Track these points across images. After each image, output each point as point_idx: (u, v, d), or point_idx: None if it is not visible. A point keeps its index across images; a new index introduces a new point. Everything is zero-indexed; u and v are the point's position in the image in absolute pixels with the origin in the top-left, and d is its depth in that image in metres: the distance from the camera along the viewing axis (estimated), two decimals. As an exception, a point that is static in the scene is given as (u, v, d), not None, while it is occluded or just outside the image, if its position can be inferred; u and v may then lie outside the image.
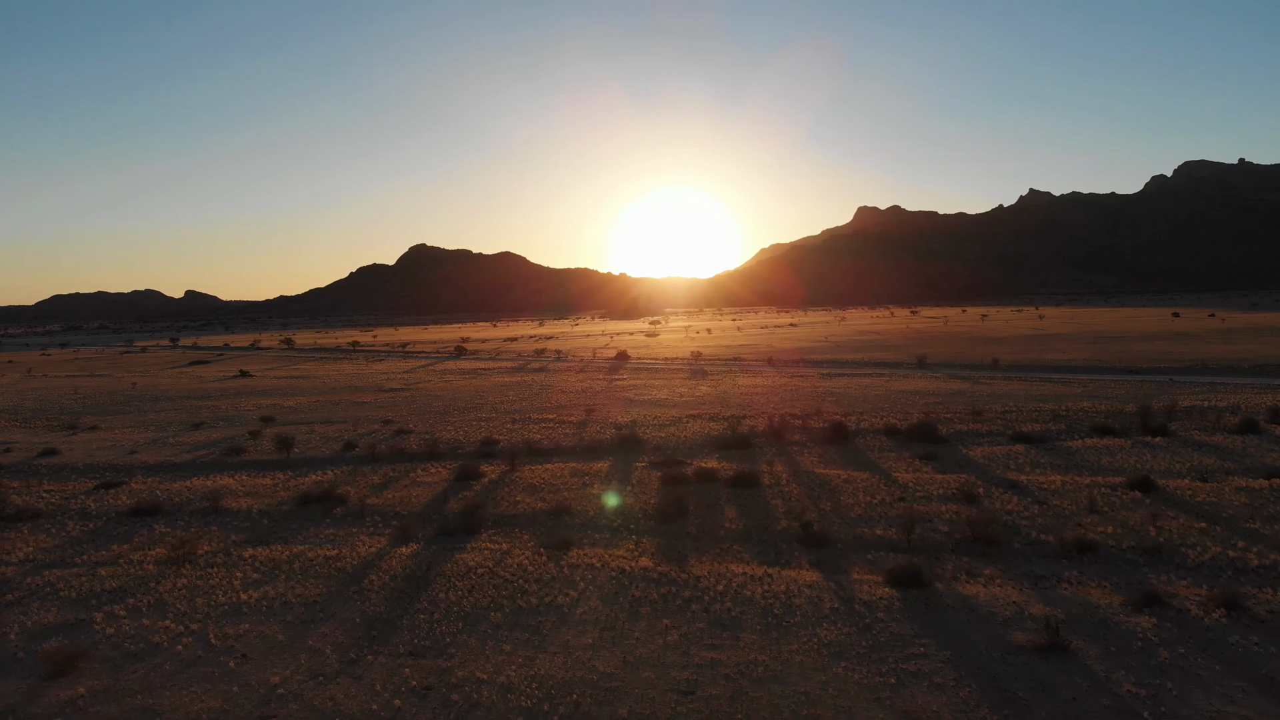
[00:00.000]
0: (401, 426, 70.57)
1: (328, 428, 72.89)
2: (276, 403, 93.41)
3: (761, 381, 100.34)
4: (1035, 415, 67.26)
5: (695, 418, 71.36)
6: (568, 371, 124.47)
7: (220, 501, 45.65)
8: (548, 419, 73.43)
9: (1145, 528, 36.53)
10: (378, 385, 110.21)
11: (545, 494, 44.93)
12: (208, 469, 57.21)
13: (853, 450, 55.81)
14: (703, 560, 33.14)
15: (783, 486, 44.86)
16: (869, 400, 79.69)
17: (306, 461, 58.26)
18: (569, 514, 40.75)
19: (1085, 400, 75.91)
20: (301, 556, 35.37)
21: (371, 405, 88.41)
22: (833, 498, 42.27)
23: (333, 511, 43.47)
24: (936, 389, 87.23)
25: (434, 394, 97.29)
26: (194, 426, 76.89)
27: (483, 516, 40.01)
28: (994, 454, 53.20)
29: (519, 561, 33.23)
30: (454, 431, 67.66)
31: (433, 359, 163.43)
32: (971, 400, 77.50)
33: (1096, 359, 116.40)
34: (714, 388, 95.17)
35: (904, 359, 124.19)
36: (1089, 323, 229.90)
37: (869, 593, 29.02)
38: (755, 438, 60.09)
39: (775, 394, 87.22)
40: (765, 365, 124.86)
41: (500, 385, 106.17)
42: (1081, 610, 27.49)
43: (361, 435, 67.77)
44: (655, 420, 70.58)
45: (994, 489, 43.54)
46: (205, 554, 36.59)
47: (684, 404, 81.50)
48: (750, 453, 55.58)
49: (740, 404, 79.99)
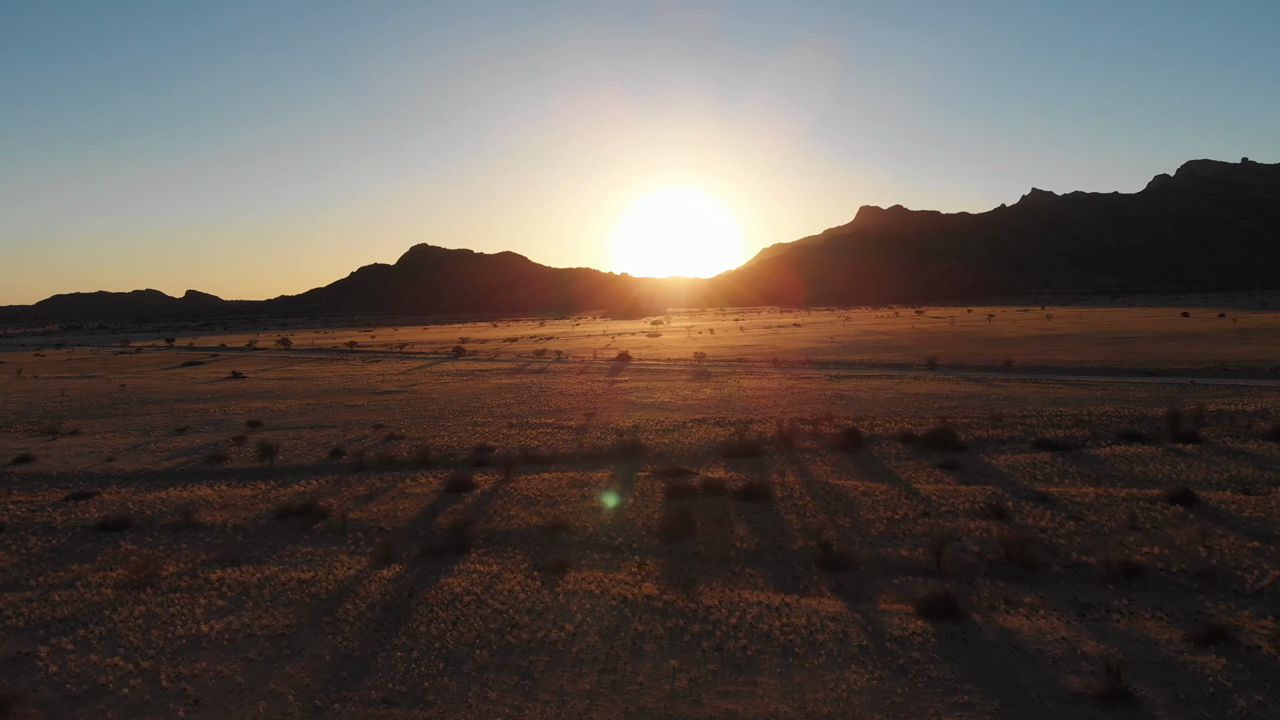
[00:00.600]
0: (393, 432, 67.53)
1: (316, 433, 69.88)
2: (266, 406, 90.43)
3: (767, 384, 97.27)
4: (1057, 420, 64.18)
5: (700, 422, 68.30)
6: (568, 373, 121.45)
7: (193, 515, 42.62)
8: (546, 424, 70.40)
9: (1194, 547, 33.49)
10: (372, 387, 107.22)
11: (541, 507, 41.88)
12: (186, 478, 54.20)
13: (868, 458, 52.73)
14: (713, 586, 30.08)
15: (796, 499, 41.78)
16: (881, 404, 76.60)
17: (290, 470, 55.24)
18: (566, 530, 37.70)
19: (1106, 404, 72.82)
20: (273, 580, 32.34)
21: (364, 409, 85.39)
22: (851, 512, 39.18)
23: (312, 527, 40.43)
24: (950, 392, 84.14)
25: (429, 397, 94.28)
26: (178, 431, 73.90)
27: (473, 533, 36.97)
28: (1018, 462, 50.12)
29: (510, 587, 30.18)
30: (447, 437, 64.63)
31: (430, 360, 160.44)
32: (987, 404, 74.41)
33: (1111, 360, 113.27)
34: (718, 390, 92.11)
35: (913, 360, 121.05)
36: (1098, 323, 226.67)
37: (900, 626, 25.94)
38: (764, 444, 57.04)
39: (782, 397, 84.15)
40: (770, 366, 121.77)
41: (498, 387, 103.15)
42: (1140, 648, 24.43)
43: (350, 441, 64.76)
44: (658, 425, 67.54)
45: (1024, 502, 40.47)
46: (169, 576, 33.57)
47: (688, 407, 78.45)
48: (759, 461, 52.52)
49: (746, 408, 76.93)
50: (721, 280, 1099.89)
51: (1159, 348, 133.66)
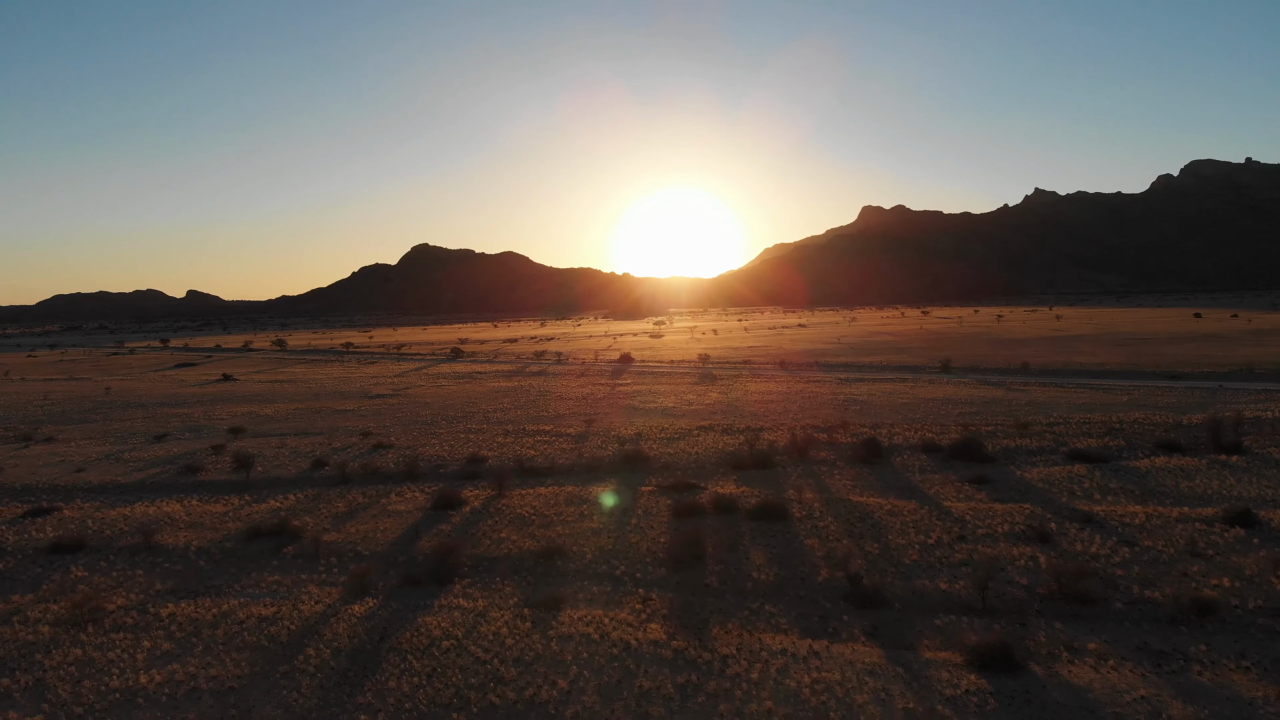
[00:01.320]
0: (381, 440, 63.76)
1: (301, 441, 66.13)
2: (253, 410, 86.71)
3: (775, 387, 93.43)
4: (1087, 428, 60.35)
5: (707, 430, 64.51)
6: (568, 376, 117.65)
7: (154, 536, 38.87)
8: (543, 431, 66.62)
9: (1266, 578, 29.74)
10: (364, 391, 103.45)
11: (535, 528, 38.09)
12: (156, 491, 50.47)
13: (890, 471, 48.92)
14: (728, 628, 26.29)
15: (816, 520, 37.97)
16: (897, 410, 72.77)
17: (268, 483, 51.50)
18: (562, 556, 33.92)
19: (1135, 410, 68.98)
20: (230, 616, 28.60)
21: (353, 414, 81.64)
22: (879, 536, 35.38)
23: (283, 550, 36.68)
24: (968, 396, 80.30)
25: (422, 401, 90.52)
26: (156, 439, 70.18)
27: (458, 560, 33.21)
28: (1053, 476, 46.30)
29: (496, 629, 26.40)
30: (438, 446, 60.86)
31: (427, 362, 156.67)
32: (1010, 410, 70.57)
33: (1129, 363, 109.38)
34: (725, 394, 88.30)
35: (926, 362, 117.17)
36: (1109, 324, 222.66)
37: (950, 682, 22.13)
38: (776, 455, 53.24)
39: (792, 402, 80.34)
40: (777, 369, 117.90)
41: (495, 391, 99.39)
42: (1233, 711, 20.66)
43: (335, 451, 61.00)
44: (662, 433, 63.75)
45: (1068, 524, 36.65)
46: (116, 611, 29.84)
47: (693, 413, 74.66)
48: (773, 474, 48.71)
49: (755, 413, 73.12)
50: (723, 280, 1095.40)
51: (1176, 349, 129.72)
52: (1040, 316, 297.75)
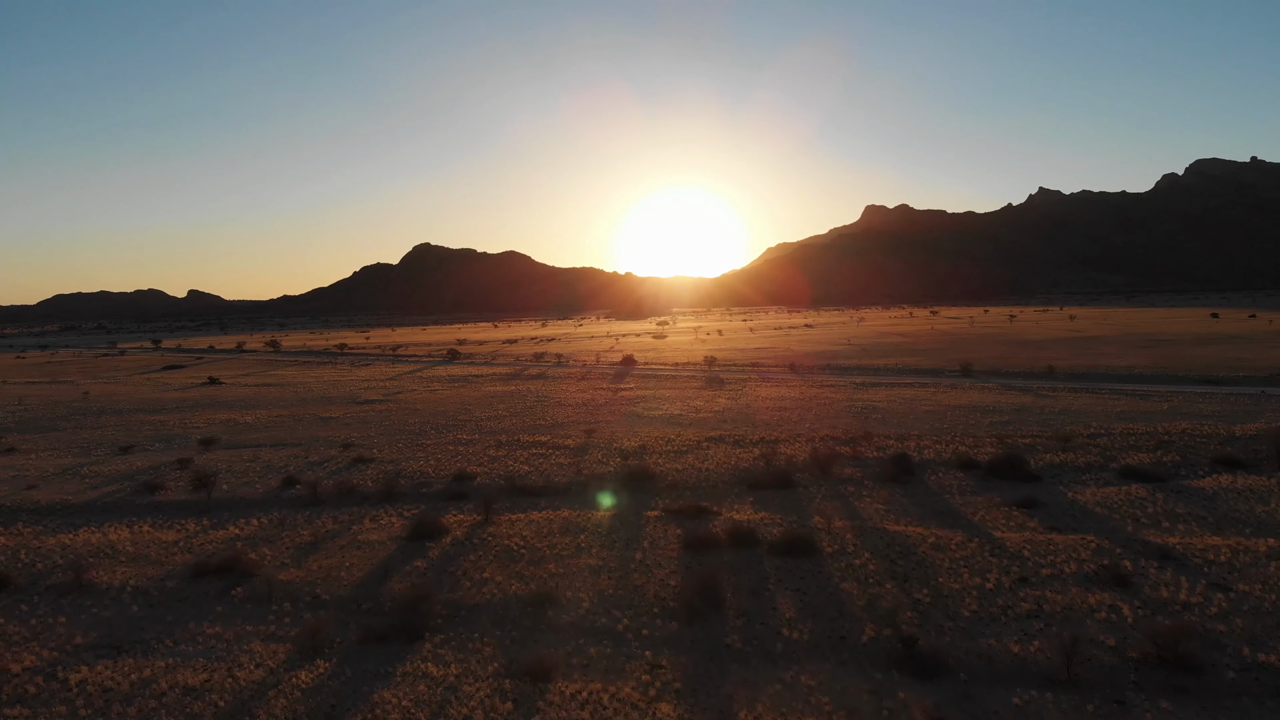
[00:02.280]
0: (362, 453, 58.59)
1: (276, 453, 61.03)
2: (233, 418, 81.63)
3: (788, 393, 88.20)
4: (1133, 441, 55.12)
5: (717, 441, 59.34)
6: (568, 379, 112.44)
7: (88, 573, 33.80)
8: (539, 442, 61.46)
9: (1401, 635, 24.57)
10: (353, 396, 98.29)
11: (524, 566, 32.96)
12: (108, 513, 45.40)
13: (924, 492, 43.77)
14: (757, 711, 21.15)
15: (851, 556, 32.80)
16: (921, 418, 67.56)
17: (231, 504, 46.41)
18: (554, 604, 28.81)
19: (1179, 419, 63.76)
20: (151, 686, 23.55)
21: (338, 422, 76.51)
22: (927, 577, 30.21)
23: (231, 592, 31.61)
24: (995, 403, 75.04)
25: (412, 408, 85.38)
26: (122, 450, 65.11)
27: (431, 609, 28.14)
28: (1110, 499, 41.12)
29: (467, 711, 21.29)
30: (423, 461, 55.71)
31: (423, 364, 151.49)
32: (1043, 419, 65.37)
33: (1159, 366, 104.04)
34: (734, 400, 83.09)
35: (943, 365, 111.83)
36: (1126, 324, 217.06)
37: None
38: (796, 471, 48.10)
39: (807, 409, 75.12)
40: (787, 372, 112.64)
41: (490, 396, 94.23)
42: None
43: (311, 466, 55.89)
44: (669, 445, 58.59)
45: (1144, 561, 31.50)
46: (20, 675, 24.88)
47: (701, 421, 69.51)
48: (793, 495, 43.56)
49: (768, 422, 67.94)
50: (726, 280, 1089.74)
51: (1203, 352, 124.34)
52: (1052, 316, 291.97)
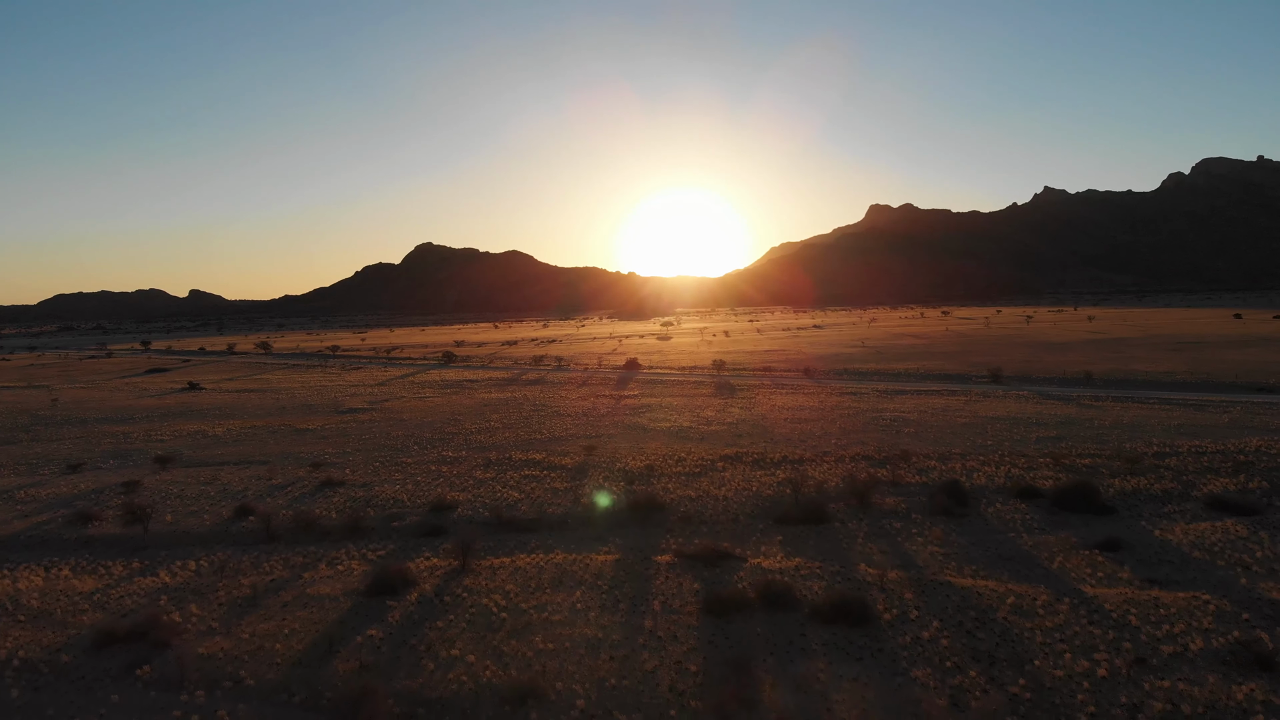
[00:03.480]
0: (332, 474, 51.84)
1: (238, 473, 54.38)
2: (202, 430, 75.04)
3: (806, 401, 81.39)
4: (1206, 461, 48.35)
5: (734, 461, 52.60)
6: (568, 385, 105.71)
7: (-37, 642, 27.15)
8: (533, 461, 54.76)
9: None
10: (337, 403, 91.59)
11: (504, 637, 26.24)
12: (28, 551, 38.80)
13: (983, 528, 37.03)
14: None
15: (915, 624, 26.03)
16: (958, 432, 60.77)
17: (172, 540, 39.77)
18: (539, 702, 22.07)
19: (1248, 434, 56.98)
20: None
21: (314, 435, 69.88)
22: (1017, 658, 23.45)
23: (137, 670, 24.96)
24: (1038, 414, 68.22)
25: (398, 418, 78.69)
26: (71, 469, 58.49)
27: (379, 704, 21.44)
28: (1204, 538, 34.36)
29: None
30: (399, 484, 49.01)
31: (416, 368, 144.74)
32: (1096, 434, 58.57)
33: (1198, 371, 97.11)
34: (748, 410, 76.31)
35: (968, 370, 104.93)
36: (1146, 325, 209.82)
37: None
38: (829, 500, 41.40)
39: (830, 421, 68.35)
40: (802, 377, 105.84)
41: (483, 404, 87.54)
42: None
43: (273, 490, 49.21)
44: (680, 465, 51.88)
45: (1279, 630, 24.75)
46: None
47: (715, 436, 62.81)
48: (830, 534, 36.83)
49: (788, 437, 61.21)
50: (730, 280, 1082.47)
51: (1239, 355, 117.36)
52: (1069, 317, 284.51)
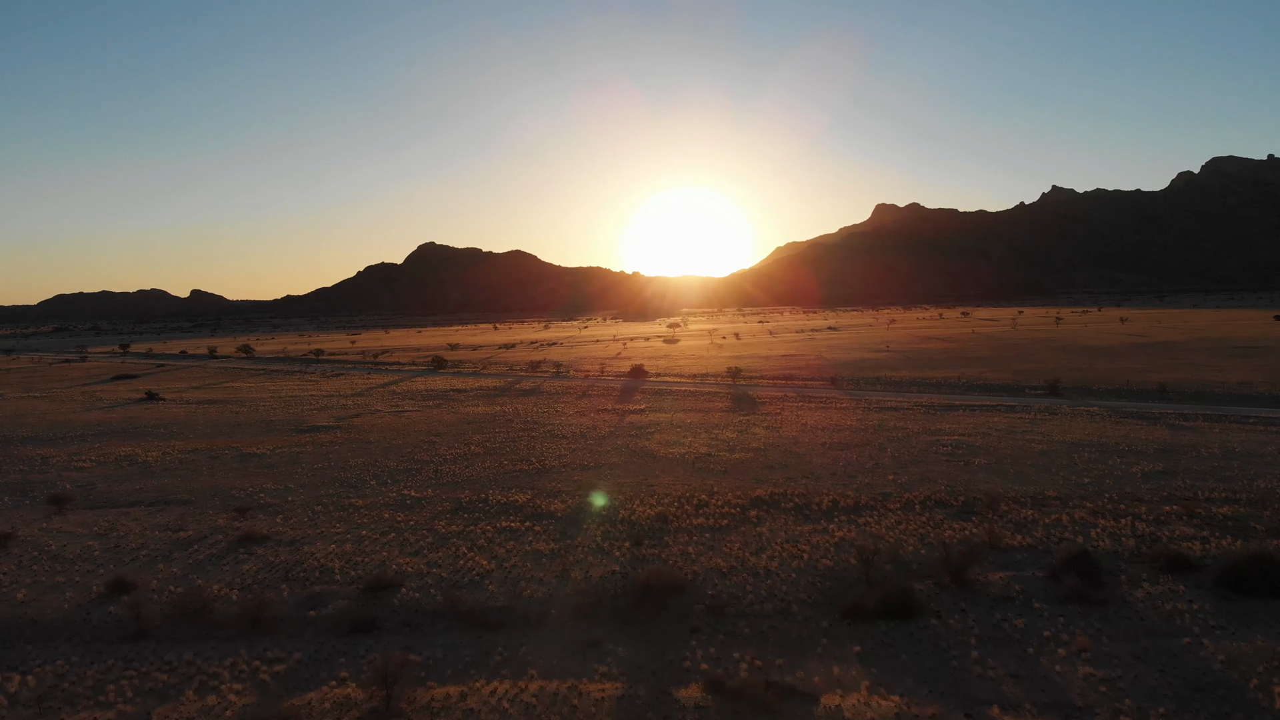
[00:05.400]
0: (255, 527, 40.44)
1: (144, 520, 43.21)
2: (135, 453, 63.99)
3: (842, 419, 70.01)
4: (1392, 512, 37.00)
5: (770, 507, 41.30)
6: (565, 396, 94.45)
7: None
8: (513, 505, 43.52)
9: None
10: (300, 419, 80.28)
11: None
12: None
13: (1140, 627, 25.74)
14: None
15: None
16: (1041, 464, 49.37)
17: (10, 633, 28.67)
18: None
19: None
20: None
21: (260, 462, 58.72)
22: None
23: None
24: (1125, 439, 56.82)
25: (364, 439, 67.48)
26: (-54, 509, 47.38)
27: None
28: None
29: None
30: (337, 544, 37.73)
31: (402, 374, 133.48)
32: (1211, 467, 47.17)
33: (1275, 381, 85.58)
34: (775, 431, 65.01)
35: (1016, 379, 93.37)
36: (1188, 327, 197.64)
37: None
38: (911, 575, 30.20)
39: (878, 446, 56.98)
40: (829, 386, 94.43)
41: (467, 421, 76.35)
42: None
43: (172, 549, 38.01)
44: (701, 513, 40.62)
45: None
46: None
47: (740, 467, 51.55)
48: (928, 636, 25.55)
49: (831, 469, 49.91)
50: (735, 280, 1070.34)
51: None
52: (1097, 318, 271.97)
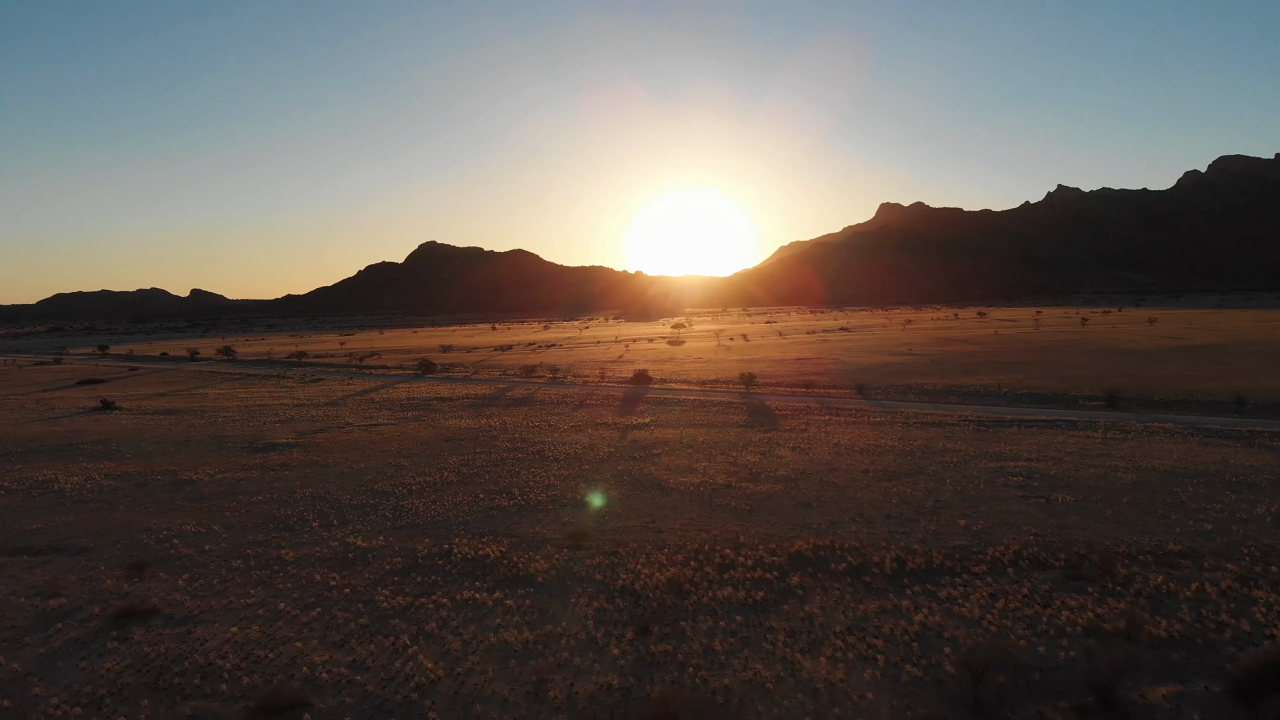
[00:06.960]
0: (145, 597, 31.06)
1: (19, 577, 33.94)
2: (54, 478, 54.78)
3: (880, 438, 60.52)
4: None
5: (818, 569, 31.97)
6: (561, 406, 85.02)
7: None
8: (483, 562, 34.17)
9: None
10: (257, 436, 70.88)
11: None
12: None
13: None
14: None
15: None
16: (1135, 499, 39.90)
17: None
18: None
19: None
20: None
21: (189, 494, 49.40)
22: None
23: None
24: (1223, 466, 47.36)
25: (322, 461, 58.14)
26: None
27: None
28: None
29: None
30: (241, 625, 28.39)
31: (386, 379, 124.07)
32: (1366, 508, 37.73)
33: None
34: (804, 453, 55.58)
35: (1060, 387, 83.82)
36: (1224, 329, 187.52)
37: None
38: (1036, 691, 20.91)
39: (934, 477, 47.55)
40: (855, 396, 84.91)
41: (445, 438, 67.03)
42: None
43: (31, 628, 28.79)
44: (727, 578, 31.29)
45: None
46: None
47: (769, 504, 42.19)
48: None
49: (885, 508, 40.53)
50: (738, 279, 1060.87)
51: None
52: (1124, 319, 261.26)
